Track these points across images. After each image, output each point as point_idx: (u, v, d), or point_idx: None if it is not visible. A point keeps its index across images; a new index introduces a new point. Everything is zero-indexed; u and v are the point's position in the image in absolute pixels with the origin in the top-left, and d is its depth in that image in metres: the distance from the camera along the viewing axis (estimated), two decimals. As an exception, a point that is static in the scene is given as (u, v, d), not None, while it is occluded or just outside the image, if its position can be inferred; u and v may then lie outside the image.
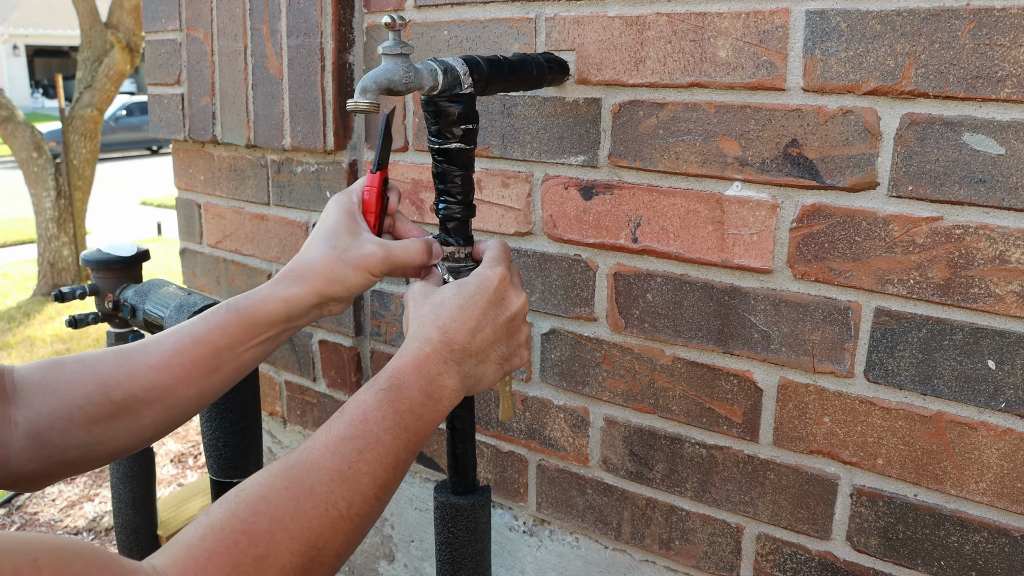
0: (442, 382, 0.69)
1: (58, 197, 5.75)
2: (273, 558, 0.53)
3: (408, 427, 0.65)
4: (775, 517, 0.96)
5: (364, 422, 0.63)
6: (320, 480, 0.59)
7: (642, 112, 0.95)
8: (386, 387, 0.66)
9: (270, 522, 0.55)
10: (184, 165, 1.54)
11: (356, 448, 0.61)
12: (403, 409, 0.66)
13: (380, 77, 0.73)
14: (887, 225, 0.82)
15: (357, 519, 0.60)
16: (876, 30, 0.79)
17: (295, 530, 0.55)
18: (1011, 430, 0.79)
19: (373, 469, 0.61)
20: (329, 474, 0.59)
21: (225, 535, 0.52)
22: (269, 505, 0.56)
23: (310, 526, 0.56)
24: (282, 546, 0.54)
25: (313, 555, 0.56)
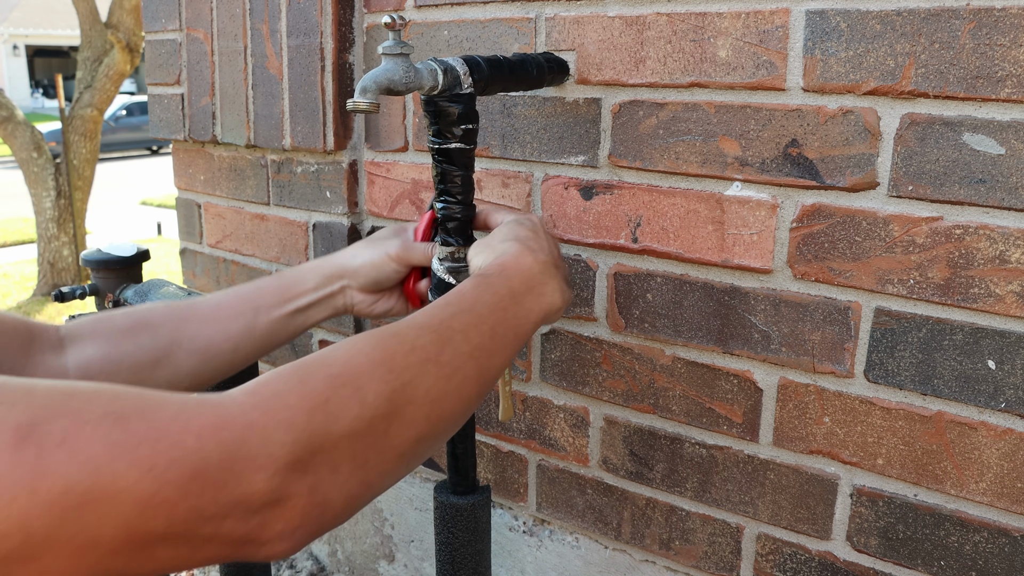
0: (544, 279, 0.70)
1: (58, 197, 5.75)
2: (348, 377, 0.50)
3: (506, 307, 0.64)
4: (775, 517, 0.96)
5: (459, 295, 0.63)
6: (406, 325, 0.57)
7: (642, 112, 0.95)
8: (484, 274, 0.67)
9: (347, 351, 0.52)
10: (184, 165, 1.54)
11: (448, 312, 0.60)
12: (502, 292, 0.65)
13: (380, 77, 0.73)
14: (887, 225, 0.82)
15: (448, 367, 0.56)
16: (876, 30, 0.79)
17: (375, 357, 0.52)
18: (1011, 430, 0.79)
19: (465, 329, 0.59)
20: (417, 326, 0.57)
21: (297, 363, 0.50)
22: (348, 342, 0.54)
23: (392, 357, 0.53)
24: (359, 368, 0.51)
25: (398, 386, 0.52)
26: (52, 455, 0.37)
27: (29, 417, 0.37)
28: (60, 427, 0.38)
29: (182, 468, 0.40)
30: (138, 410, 0.41)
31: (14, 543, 0.36)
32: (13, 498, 0.36)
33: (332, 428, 0.47)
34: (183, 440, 0.41)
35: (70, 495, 0.37)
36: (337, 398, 0.48)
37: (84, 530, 0.37)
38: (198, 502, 0.41)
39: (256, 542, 0.44)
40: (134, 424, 0.40)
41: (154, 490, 0.39)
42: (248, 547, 0.44)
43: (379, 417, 0.50)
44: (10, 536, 0.35)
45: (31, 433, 0.37)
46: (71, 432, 0.38)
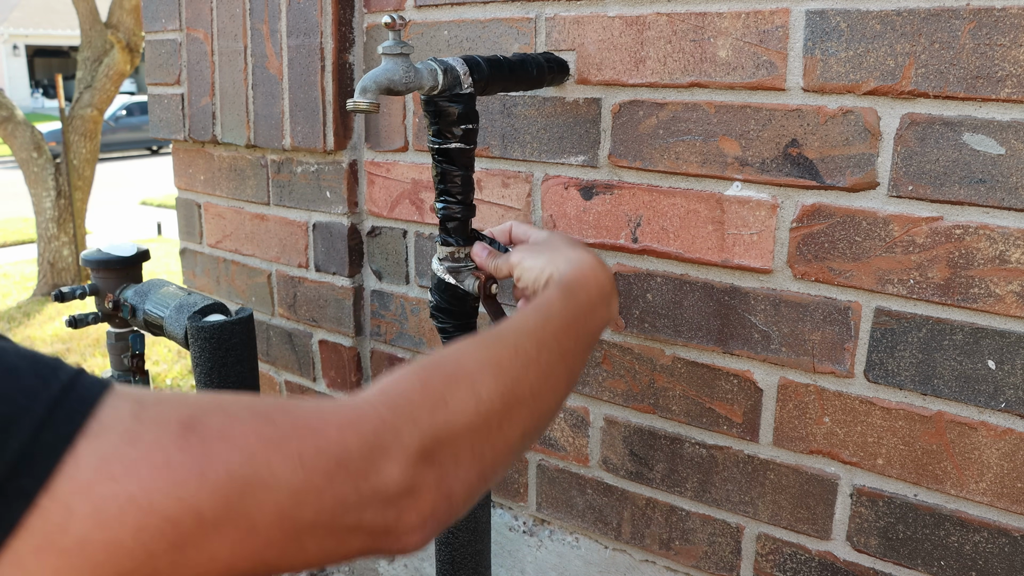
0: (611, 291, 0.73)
1: (58, 197, 5.75)
2: (463, 376, 0.54)
3: (586, 315, 0.69)
4: (775, 517, 0.96)
5: (548, 303, 0.67)
6: (507, 331, 0.61)
7: (642, 112, 0.95)
8: (566, 283, 0.70)
9: (457, 354, 0.56)
10: (184, 165, 1.54)
11: (541, 317, 0.64)
12: (582, 299, 0.69)
13: (380, 77, 0.73)
14: (887, 225, 0.82)
15: (547, 367, 0.60)
16: (876, 30, 0.79)
17: (483, 358, 0.56)
18: (1011, 430, 0.79)
19: (556, 335, 0.64)
20: (515, 331, 0.61)
21: (412, 366, 0.54)
22: (456, 347, 0.57)
23: (499, 360, 0.57)
24: (472, 369, 0.55)
25: (509, 384, 0.56)
26: (215, 445, 0.40)
27: (188, 414, 0.41)
28: (218, 421, 0.41)
29: (328, 458, 0.44)
30: (282, 410, 0.44)
31: (188, 527, 0.38)
32: (185, 481, 0.39)
33: (453, 423, 0.51)
34: (326, 432, 0.44)
35: (234, 482, 0.40)
36: (456, 397, 0.52)
37: (245, 516, 0.40)
38: (342, 490, 0.44)
39: (393, 533, 0.47)
40: (280, 420, 0.43)
41: (304, 478, 0.42)
42: (386, 539, 0.47)
43: (493, 413, 0.54)
44: (184, 520, 0.38)
45: (193, 426, 0.40)
46: (227, 426, 0.41)
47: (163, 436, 0.39)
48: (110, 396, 0.40)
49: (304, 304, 1.37)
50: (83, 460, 0.37)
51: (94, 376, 0.41)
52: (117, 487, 0.37)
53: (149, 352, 3.84)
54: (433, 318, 0.87)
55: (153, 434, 0.39)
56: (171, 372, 3.76)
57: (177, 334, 1.14)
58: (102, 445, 0.38)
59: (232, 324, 1.09)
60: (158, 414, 0.40)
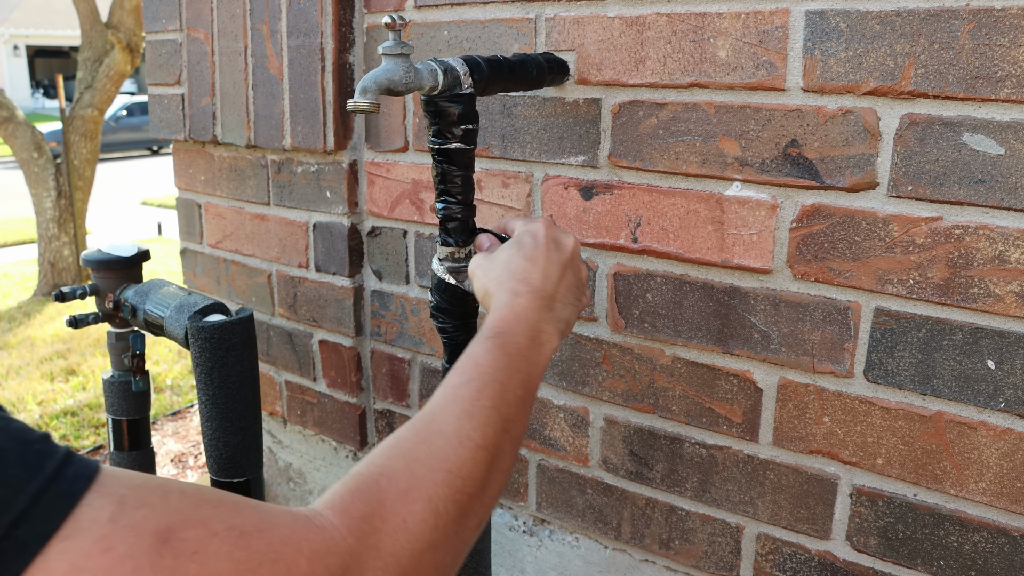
0: (542, 327, 0.71)
1: (58, 197, 5.75)
2: (416, 491, 0.52)
3: (520, 368, 0.66)
4: (775, 517, 0.96)
5: (477, 367, 0.64)
6: (446, 420, 0.59)
7: (642, 112, 0.95)
8: (491, 335, 0.68)
9: (406, 461, 0.55)
10: (184, 165, 1.54)
11: (475, 388, 0.62)
12: (512, 352, 0.67)
13: (380, 77, 0.73)
14: (887, 225, 0.82)
15: (493, 449, 0.59)
16: (876, 30, 0.79)
17: (432, 464, 0.55)
18: (1010, 430, 0.79)
19: (495, 404, 0.62)
20: (454, 414, 0.59)
21: (364, 478, 0.53)
22: (401, 449, 0.56)
23: (447, 458, 0.56)
24: (423, 479, 0.54)
25: (459, 485, 0.55)
26: (186, 565, 0.40)
27: (166, 523, 0.40)
28: (193, 536, 0.41)
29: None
30: (257, 528, 0.44)
31: None
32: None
33: (415, 546, 0.50)
34: (297, 564, 0.44)
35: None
36: (414, 516, 0.51)
37: None
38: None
39: None
40: (255, 543, 0.43)
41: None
42: None
43: (450, 522, 0.53)
44: None
45: (168, 540, 0.40)
46: (202, 544, 0.41)
47: (136, 547, 0.39)
48: (93, 492, 0.39)
49: (304, 304, 1.37)
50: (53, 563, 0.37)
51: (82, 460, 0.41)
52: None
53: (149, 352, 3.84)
54: (433, 318, 0.87)
55: (127, 544, 0.38)
56: (171, 372, 3.76)
57: (177, 334, 1.14)
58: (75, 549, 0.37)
59: (232, 324, 1.09)
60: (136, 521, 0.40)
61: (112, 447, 1.38)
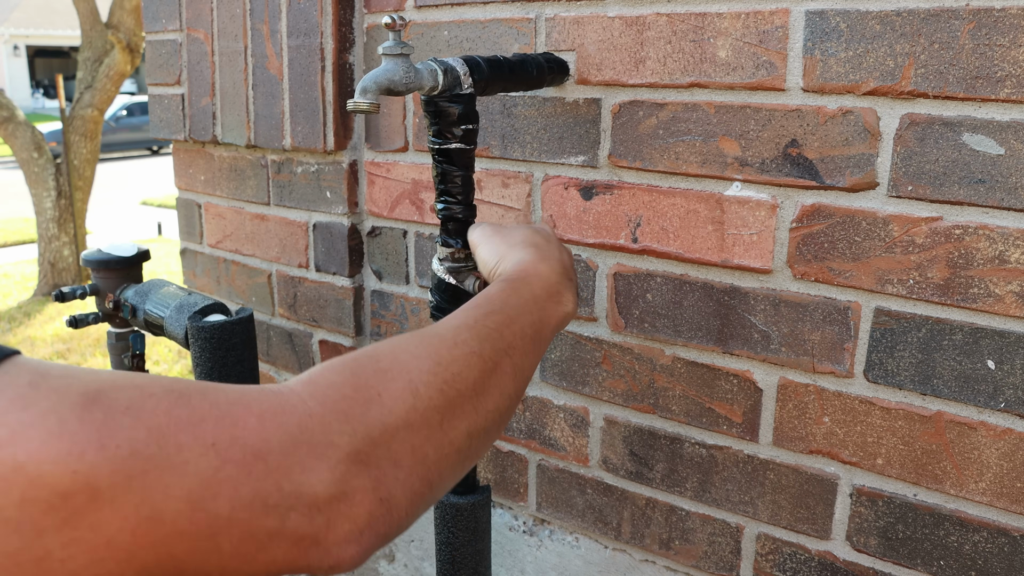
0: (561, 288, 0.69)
1: (58, 197, 5.75)
2: (398, 371, 0.49)
3: (531, 310, 0.64)
4: (775, 517, 0.96)
5: (488, 298, 0.62)
6: (445, 326, 0.57)
7: (642, 112, 0.95)
8: (507, 279, 0.66)
9: (392, 347, 0.52)
10: (184, 165, 1.54)
11: (482, 311, 0.60)
12: (527, 296, 0.65)
13: (380, 77, 0.73)
14: (887, 225, 0.82)
15: (490, 362, 0.56)
16: (876, 30, 0.79)
17: (420, 353, 0.52)
18: (1010, 430, 0.79)
19: (499, 328, 0.59)
20: (454, 324, 0.57)
21: (344, 357, 0.50)
22: (392, 341, 0.53)
23: (438, 352, 0.53)
24: (407, 364, 0.50)
25: (447, 377, 0.51)
26: (119, 418, 0.37)
27: (96, 386, 0.38)
28: (126, 395, 0.38)
29: (244, 447, 0.40)
30: (199, 391, 0.41)
31: (81, 501, 0.35)
32: (82, 452, 0.35)
33: (388, 420, 0.47)
34: (245, 420, 0.41)
35: (136, 459, 0.36)
36: (390, 391, 0.48)
37: (149, 499, 0.37)
38: (261, 486, 0.40)
39: (323, 544, 0.43)
40: (196, 401, 0.40)
41: (217, 466, 0.39)
42: (315, 550, 0.42)
43: (433, 409, 0.49)
44: (77, 493, 0.35)
45: (98, 398, 0.37)
46: (136, 401, 0.38)
47: (61, 404, 0.36)
48: (8, 363, 0.37)
49: (304, 304, 1.37)
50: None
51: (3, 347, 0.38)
52: (2, 453, 0.34)
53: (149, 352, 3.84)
54: (433, 318, 0.87)
55: (50, 402, 0.36)
56: (171, 372, 3.76)
57: (177, 334, 1.14)
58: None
59: (232, 324, 1.09)
60: (60, 384, 0.37)
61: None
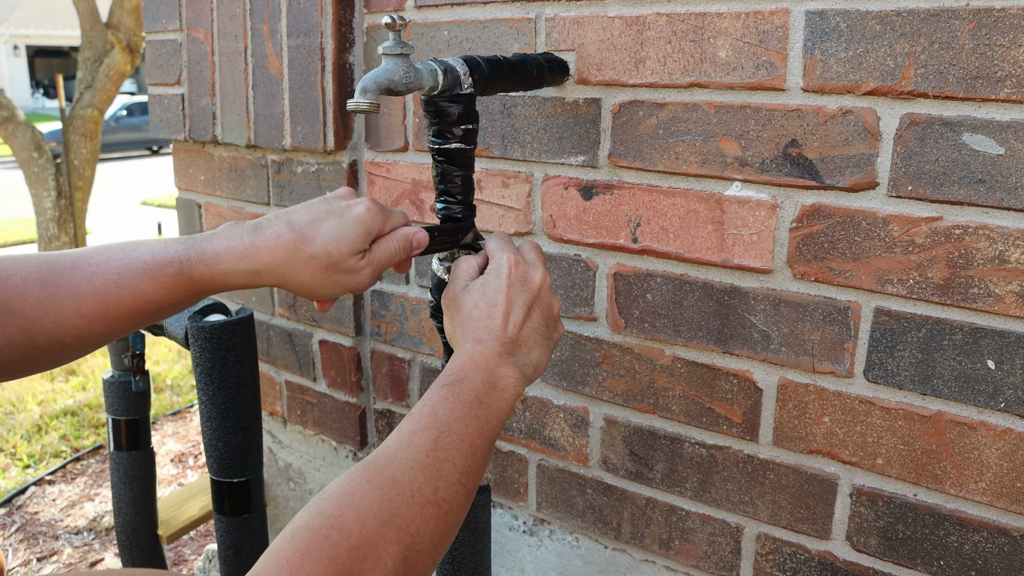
0: (502, 372, 0.69)
1: (58, 197, 5.75)
2: (368, 548, 0.51)
3: (478, 415, 0.65)
4: (775, 517, 0.96)
5: (433, 415, 0.63)
6: (400, 470, 0.58)
7: (642, 112, 0.95)
8: (448, 383, 0.66)
9: (358, 512, 0.53)
10: (184, 165, 1.54)
11: (430, 438, 0.61)
12: (469, 399, 0.65)
13: (380, 77, 0.73)
14: (887, 225, 0.82)
15: (445, 505, 0.58)
16: (876, 30, 0.79)
17: (385, 518, 0.54)
18: (1010, 430, 0.79)
19: (451, 456, 0.61)
20: (408, 463, 0.58)
21: (314, 532, 0.51)
22: (354, 498, 0.55)
23: (399, 513, 0.55)
24: (375, 534, 0.52)
25: (408, 543, 0.54)
26: None
27: None
28: None
29: None
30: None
31: None
32: None
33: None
34: None
35: None
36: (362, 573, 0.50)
37: None
38: None
39: None
40: None
41: None
42: None
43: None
44: None
45: None
46: None
47: None
48: None
49: (304, 304, 1.37)
50: None
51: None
52: None
53: (149, 352, 3.84)
54: (433, 318, 0.87)
55: None
56: (171, 372, 3.76)
57: (177, 334, 1.14)
58: None
59: (232, 324, 1.09)
60: None
61: (112, 447, 1.38)
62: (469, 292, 0.74)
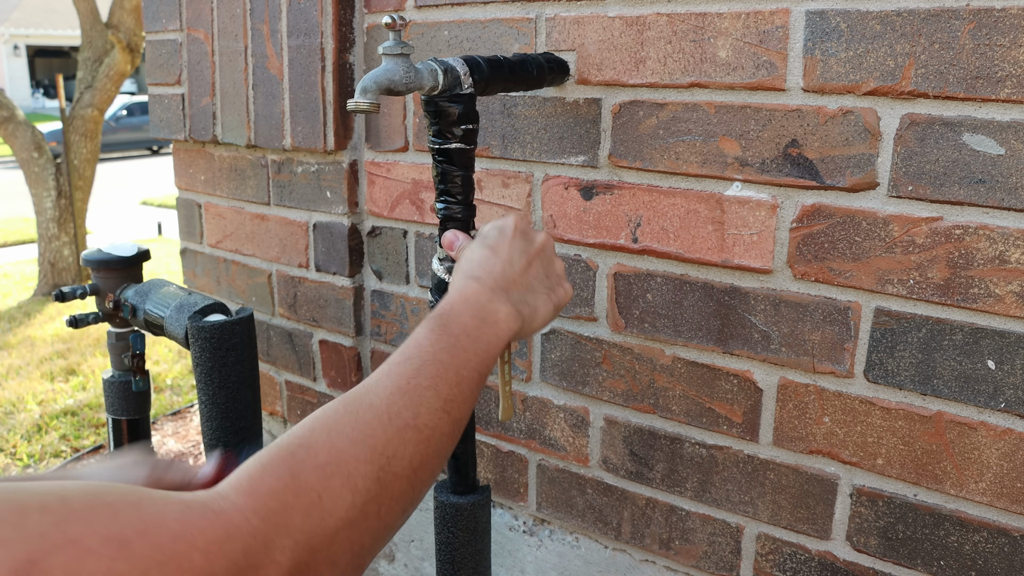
0: (494, 307, 0.68)
1: (59, 197, 5.75)
2: (336, 466, 0.49)
3: (465, 347, 0.63)
4: (775, 517, 0.96)
5: (418, 346, 0.62)
6: (379, 395, 0.56)
7: (642, 112, 0.95)
8: (436, 316, 0.65)
9: (328, 433, 0.52)
10: (184, 165, 1.54)
11: (413, 367, 0.59)
12: (456, 332, 0.64)
13: (380, 77, 0.73)
14: (887, 225, 0.82)
15: (426, 430, 0.56)
16: (876, 30, 0.79)
17: (357, 437, 0.52)
18: (1011, 430, 0.79)
19: (434, 383, 0.59)
20: (387, 390, 0.57)
21: (281, 449, 0.49)
22: (327, 420, 0.53)
23: (373, 434, 0.53)
24: (345, 453, 0.50)
25: (383, 463, 0.52)
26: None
27: (27, 554, 0.35)
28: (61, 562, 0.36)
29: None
30: (140, 531, 0.39)
31: None
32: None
33: (328, 523, 0.47)
34: (191, 558, 0.40)
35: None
36: (330, 491, 0.48)
37: None
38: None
39: None
40: (138, 548, 0.38)
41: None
42: None
43: (370, 500, 0.50)
44: None
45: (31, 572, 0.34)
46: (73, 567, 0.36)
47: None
48: None
49: (304, 304, 1.37)
50: None
51: None
52: None
53: (149, 352, 3.84)
54: (433, 318, 0.87)
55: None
56: (171, 372, 3.76)
57: (177, 334, 1.14)
58: None
59: (232, 324, 1.09)
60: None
61: (112, 447, 1.38)
62: (470, 246, 0.74)
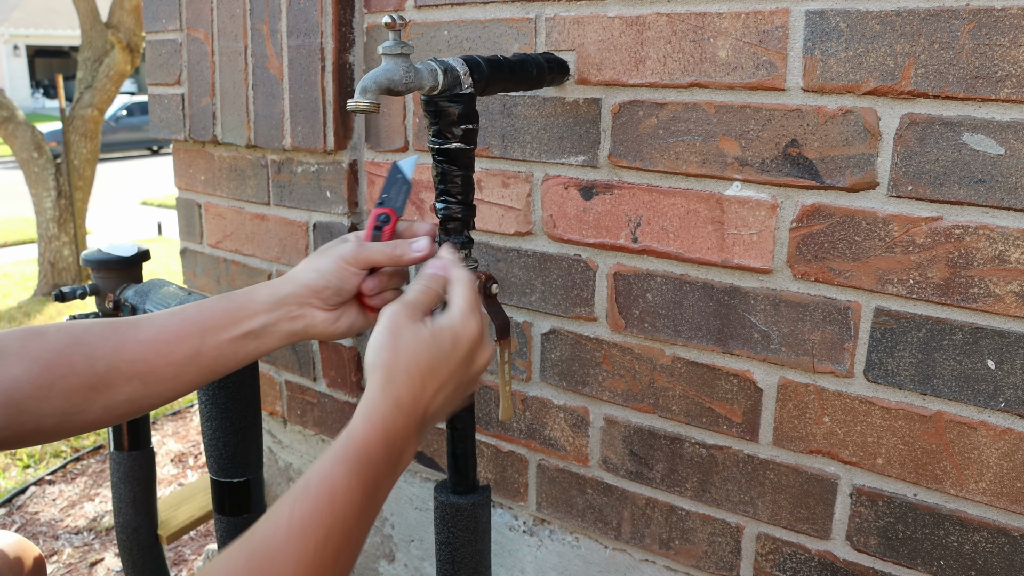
0: (408, 453, 0.67)
1: (58, 197, 5.75)
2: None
3: (372, 502, 0.64)
4: (775, 517, 0.96)
5: (332, 502, 0.61)
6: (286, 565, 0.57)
7: (642, 112, 0.95)
8: (355, 459, 0.63)
9: None
10: (184, 165, 1.54)
11: (322, 535, 0.59)
12: (370, 485, 0.63)
13: (380, 77, 0.73)
14: (887, 225, 0.82)
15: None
16: (876, 30, 0.79)
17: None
18: (1010, 430, 0.79)
19: (337, 546, 0.60)
20: (295, 558, 0.57)
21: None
22: None
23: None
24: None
25: None
26: None
27: None
28: None
29: None
30: None
31: None
32: None
33: None
34: None
35: None
36: None
37: None
38: None
39: None
40: None
41: None
42: None
43: None
44: None
45: None
46: None
47: None
48: None
49: (304, 304, 1.37)
50: None
51: None
52: None
53: (149, 352, 3.82)
54: (433, 318, 0.87)
55: None
56: (171, 372, 3.75)
57: (177, 334, 1.14)
58: None
59: (232, 324, 1.09)
60: None
61: (112, 447, 1.38)
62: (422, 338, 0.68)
